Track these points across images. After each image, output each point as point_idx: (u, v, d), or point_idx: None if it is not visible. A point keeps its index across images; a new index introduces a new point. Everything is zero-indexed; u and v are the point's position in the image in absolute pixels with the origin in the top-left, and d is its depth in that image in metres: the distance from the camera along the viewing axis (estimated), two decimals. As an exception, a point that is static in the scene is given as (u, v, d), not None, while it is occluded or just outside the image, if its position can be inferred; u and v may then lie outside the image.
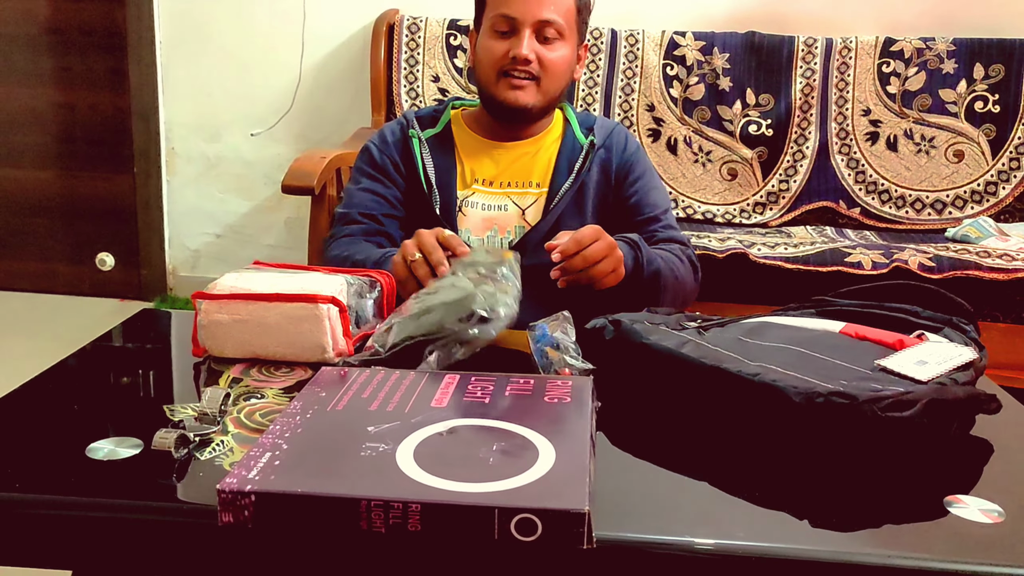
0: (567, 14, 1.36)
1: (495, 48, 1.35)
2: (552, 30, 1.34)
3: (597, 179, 1.41)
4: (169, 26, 2.83)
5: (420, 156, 1.39)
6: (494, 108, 1.39)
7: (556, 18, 1.34)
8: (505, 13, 1.33)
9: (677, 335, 0.92)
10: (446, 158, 1.40)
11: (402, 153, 1.41)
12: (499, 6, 1.34)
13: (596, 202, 1.40)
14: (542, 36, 1.34)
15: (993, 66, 2.44)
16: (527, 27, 1.33)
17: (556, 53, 1.36)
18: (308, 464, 0.65)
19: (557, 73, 1.37)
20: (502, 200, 1.39)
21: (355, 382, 0.82)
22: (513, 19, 1.33)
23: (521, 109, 1.37)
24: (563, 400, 0.77)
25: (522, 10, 1.32)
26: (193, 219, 2.99)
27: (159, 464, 0.70)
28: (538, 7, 1.33)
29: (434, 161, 1.39)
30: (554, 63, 1.36)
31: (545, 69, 1.35)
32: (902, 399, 0.73)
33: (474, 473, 0.63)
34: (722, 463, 0.76)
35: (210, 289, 0.97)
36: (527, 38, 1.33)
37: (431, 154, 1.40)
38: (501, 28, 1.34)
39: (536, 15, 1.33)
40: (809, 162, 2.48)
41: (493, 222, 1.38)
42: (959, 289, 1.82)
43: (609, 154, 1.42)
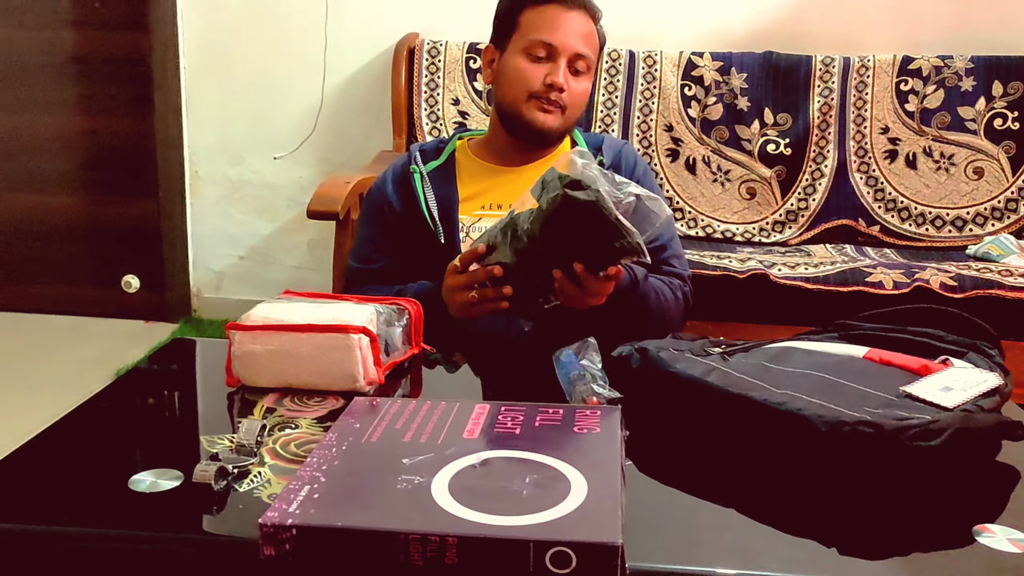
0: (595, 50, 1.41)
1: (531, 71, 1.38)
2: (583, 63, 1.38)
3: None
4: (193, 53, 2.87)
5: (422, 191, 1.42)
6: (517, 128, 1.41)
7: (589, 53, 1.38)
8: (546, 40, 1.36)
9: (703, 363, 0.93)
10: (447, 188, 1.44)
11: (403, 191, 1.44)
12: (538, 31, 1.37)
13: None
14: (573, 68, 1.38)
15: (1012, 83, 2.44)
16: (564, 57, 1.37)
17: (582, 86, 1.40)
18: (346, 497, 0.67)
19: (580, 105, 1.42)
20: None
21: (388, 412, 0.83)
22: (553, 47, 1.37)
23: (545, 133, 1.40)
24: (592, 430, 0.78)
25: (563, 40, 1.36)
26: (217, 241, 3.03)
27: (200, 496, 0.72)
28: (577, 40, 1.37)
29: (436, 193, 1.43)
30: (580, 95, 1.41)
31: (572, 99, 1.39)
32: (929, 428, 0.74)
33: (508, 506, 0.64)
34: (750, 492, 0.77)
35: (243, 320, 0.99)
36: (563, 67, 1.37)
37: (432, 186, 1.43)
38: (539, 53, 1.37)
39: (575, 47, 1.37)
40: (828, 180, 2.49)
41: None
42: (982, 308, 1.83)
43: (618, 174, 1.44)
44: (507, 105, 1.41)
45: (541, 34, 1.37)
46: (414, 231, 1.42)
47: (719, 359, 0.97)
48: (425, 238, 1.41)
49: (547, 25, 1.37)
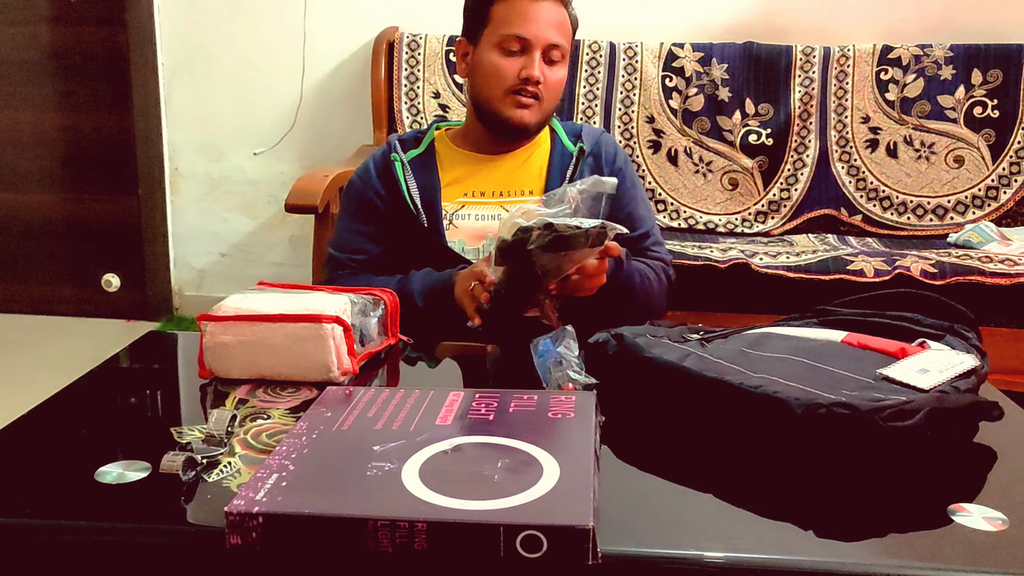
0: (568, 37, 1.40)
1: (505, 66, 1.37)
2: (557, 53, 1.38)
3: None
4: (171, 49, 2.85)
5: (403, 179, 1.41)
6: (495, 124, 1.41)
7: (562, 42, 1.38)
8: (519, 33, 1.35)
9: (679, 348, 0.92)
10: (429, 176, 1.43)
11: (384, 179, 1.43)
12: (510, 25, 1.36)
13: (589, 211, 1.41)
14: (548, 58, 1.37)
15: (991, 71, 2.44)
16: (538, 49, 1.36)
17: (558, 74, 1.40)
18: (315, 485, 0.66)
19: (557, 93, 1.42)
20: (495, 210, 1.41)
21: (360, 401, 0.82)
22: (526, 40, 1.36)
23: (523, 128, 1.40)
24: (567, 416, 0.78)
25: (536, 32, 1.35)
26: (197, 239, 3.00)
27: (167, 487, 0.71)
28: (550, 30, 1.36)
29: (417, 182, 1.42)
30: (557, 84, 1.40)
31: (549, 90, 1.39)
32: (904, 408, 0.74)
33: (479, 491, 0.63)
34: (727, 475, 0.77)
35: (215, 311, 0.98)
36: (538, 59, 1.36)
37: (414, 175, 1.43)
38: (512, 47, 1.36)
39: (548, 38, 1.36)
40: (810, 170, 2.49)
41: (487, 232, 1.40)
42: (962, 295, 1.83)
43: (598, 162, 1.46)
44: (484, 101, 1.41)
45: (513, 27, 1.36)
46: (398, 219, 1.41)
47: (697, 345, 0.96)
48: (408, 226, 1.40)
49: (519, 18, 1.35)
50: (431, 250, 1.38)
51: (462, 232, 1.40)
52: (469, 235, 1.40)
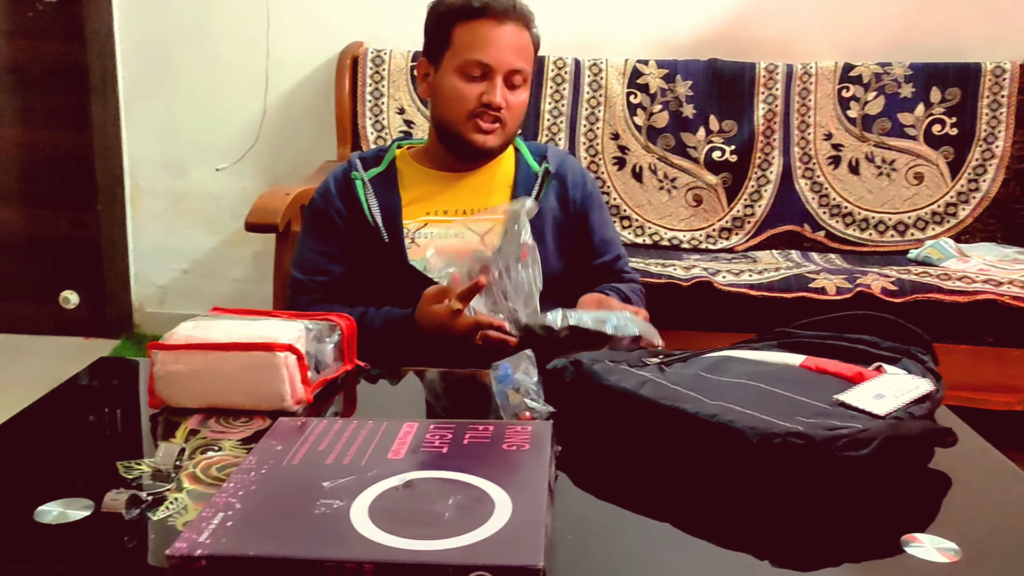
0: (530, 60, 1.40)
1: (467, 91, 1.36)
2: (519, 77, 1.37)
3: (554, 207, 1.45)
4: (131, 63, 2.81)
5: (364, 197, 1.40)
6: (458, 147, 1.41)
7: (524, 67, 1.37)
8: (481, 59, 1.34)
9: (637, 374, 0.92)
10: (390, 194, 1.42)
11: (345, 197, 1.42)
12: (472, 50, 1.35)
13: (554, 228, 1.44)
14: (510, 83, 1.37)
15: (949, 90, 2.48)
16: (500, 74, 1.35)
17: (521, 97, 1.39)
18: (261, 524, 0.64)
19: (520, 115, 1.41)
20: (458, 228, 1.40)
21: (312, 433, 0.81)
22: (488, 66, 1.35)
23: (486, 151, 1.40)
24: (522, 447, 0.77)
25: (497, 58, 1.34)
26: (159, 255, 2.96)
27: (110, 527, 0.69)
28: (512, 56, 1.35)
29: (379, 200, 1.41)
30: (519, 107, 1.40)
31: (511, 113, 1.38)
32: (858, 438, 0.73)
33: (429, 530, 0.62)
34: (682, 505, 0.76)
35: (166, 339, 0.96)
36: (500, 85, 1.35)
37: (375, 193, 1.42)
38: (474, 72, 1.35)
39: (510, 64, 1.35)
40: (773, 187, 2.50)
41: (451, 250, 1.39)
42: (921, 312, 1.85)
43: (565, 185, 1.46)
44: (445, 123, 1.40)
45: (475, 53, 1.35)
46: (359, 238, 1.40)
47: (656, 370, 0.96)
48: (370, 244, 1.39)
49: (480, 43, 1.34)
50: (393, 268, 1.37)
51: (424, 250, 1.39)
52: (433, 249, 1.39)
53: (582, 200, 1.47)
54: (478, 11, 1.34)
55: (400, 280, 1.36)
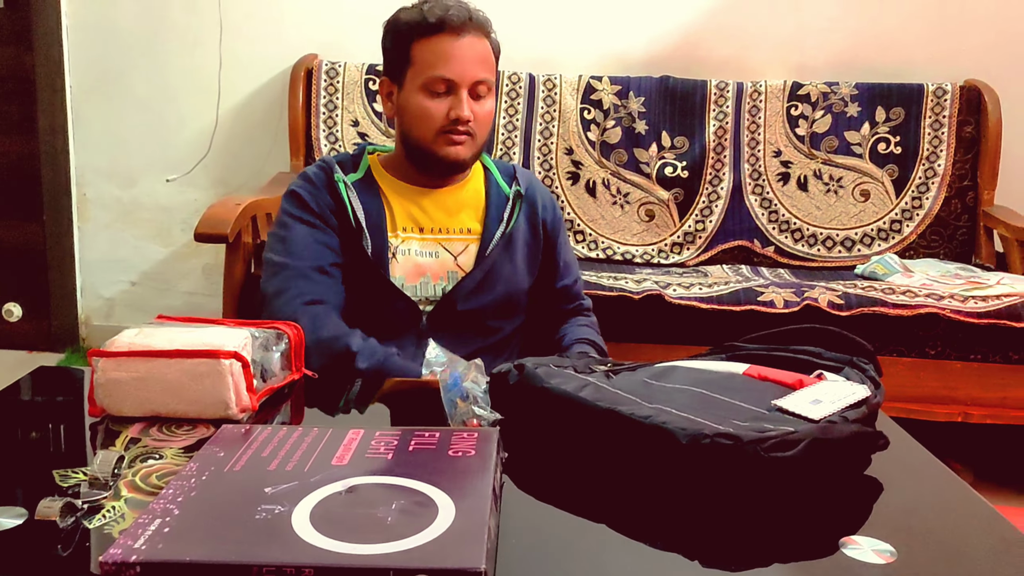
0: (492, 69, 1.39)
1: (434, 108, 1.35)
2: (483, 87, 1.37)
3: (524, 228, 1.46)
4: (80, 71, 2.77)
5: (349, 200, 1.37)
6: (430, 163, 1.39)
7: (487, 76, 1.37)
8: (443, 76, 1.33)
9: (579, 378, 0.92)
10: (375, 202, 1.40)
11: (328, 197, 1.39)
12: (434, 67, 1.34)
13: (524, 251, 1.46)
14: (475, 94, 1.36)
15: (894, 109, 2.55)
16: (464, 88, 1.34)
17: (487, 107, 1.39)
18: (199, 530, 0.63)
19: (488, 125, 1.41)
20: (434, 247, 1.40)
21: (256, 439, 0.80)
22: (451, 81, 1.34)
23: (459, 164, 1.39)
24: (467, 453, 0.76)
25: (460, 72, 1.34)
26: (107, 267, 2.91)
27: (44, 535, 0.67)
28: (474, 68, 1.35)
29: (364, 206, 1.38)
30: (486, 116, 1.39)
31: (479, 124, 1.38)
32: (786, 439, 0.75)
33: (371, 534, 0.62)
34: (620, 507, 0.77)
35: (107, 346, 0.94)
36: (466, 99, 1.34)
37: (359, 198, 1.39)
38: (438, 89, 1.35)
39: (473, 76, 1.35)
40: (724, 202, 2.54)
41: (426, 269, 1.39)
42: (866, 325, 1.89)
43: (535, 208, 1.48)
44: (415, 141, 1.38)
45: (437, 70, 1.34)
46: (343, 243, 1.37)
47: (602, 376, 0.96)
48: (351, 254, 1.36)
49: (441, 59, 1.33)
50: (371, 280, 1.35)
51: (403, 267, 1.38)
52: (409, 271, 1.38)
53: (552, 224, 1.50)
54: (435, 27, 1.33)
55: (378, 294, 1.35)
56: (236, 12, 2.70)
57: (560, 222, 1.53)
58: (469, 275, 1.38)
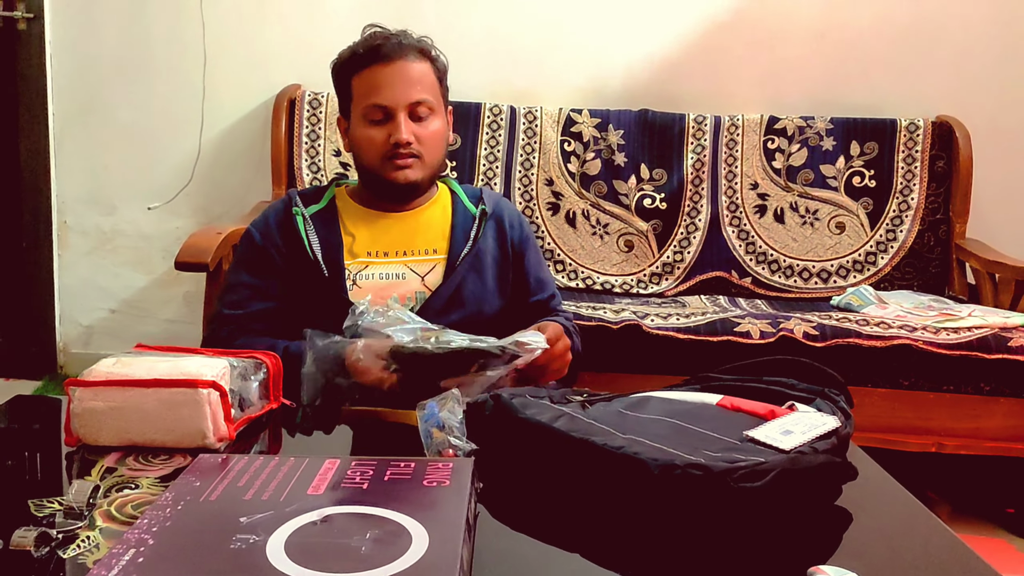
0: (433, 88, 1.42)
1: (374, 136, 1.39)
2: (424, 108, 1.39)
3: (492, 247, 1.48)
4: (63, 99, 2.77)
5: (305, 232, 1.41)
6: (383, 189, 1.43)
7: (426, 97, 1.39)
8: (377, 103, 1.38)
9: (554, 409, 0.93)
10: (331, 232, 1.43)
11: (284, 232, 1.42)
12: (369, 96, 1.38)
13: (494, 268, 1.47)
14: (415, 115, 1.39)
15: (868, 143, 2.60)
16: (400, 112, 1.37)
17: (431, 127, 1.41)
18: (173, 560, 0.63)
19: (435, 145, 1.43)
20: (400, 268, 1.41)
21: (232, 469, 0.80)
22: (385, 107, 1.38)
23: (411, 186, 1.42)
24: (442, 483, 0.77)
25: (393, 96, 1.37)
26: (86, 294, 2.89)
27: (18, 565, 0.67)
28: (407, 91, 1.38)
29: (319, 236, 1.41)
30: (432, 136, 1.41)
31: (424, 145, 1.40)
32: (756, 469, 0.76)
33: (344, 564, 0.62)
34: (594, 537, 0.78)
35: (85, 375, 0.94)
36: (404, 122, 1.37)
37: (315, 230, 1.42)
38: (376, 117, 1.39)
39: (408, 98, 1.38)
40: (702, 234, 2.57)
41: (392, 290, 1.39)
42: (841, 356, 1.91)
43: (502, 227, 1.50)
44: (366, 170, 1.43)
45: (371, 98, 1.38)
46: (297, 274, 1.39)
47: (577, 407, 0.97)
48: (309, 281, 1.38)
49: (374, 87, 1.38)
50: (333, 305, 1.36)
51: (365, 292, 1.39)
52: (375, 293, 1.39)
53: (520, 241, 1.51)
54: (366, 58, 1.39)
55: (339, 317, 1.36)
56: (220, 42, 2.72)
57: (528, 239, 1.53)
58: (436, 293, 1.39)
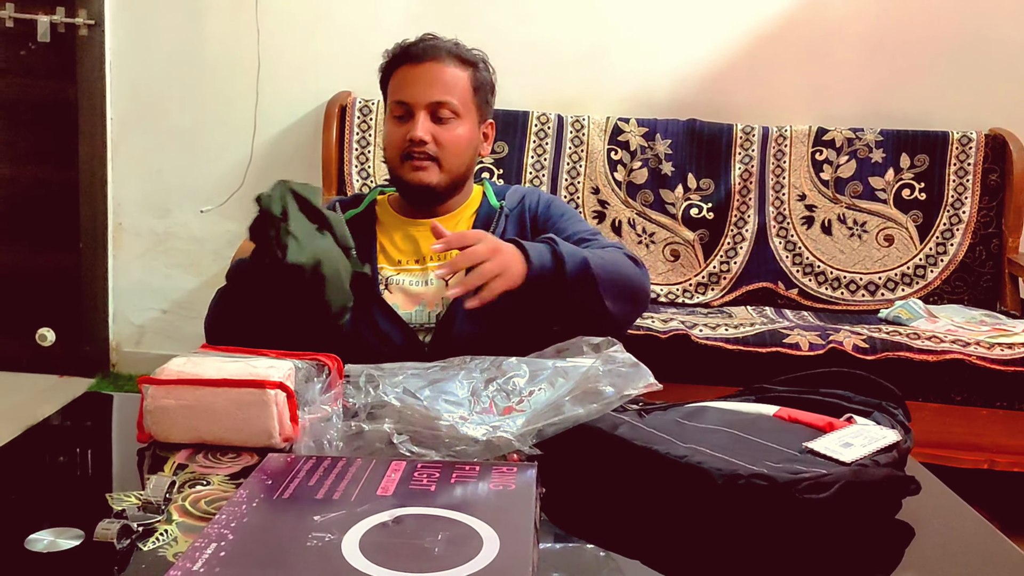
0: (462, 94, 1.42)
1: (394, 133, 1.41)
2: (446, 111, 1.40)
3: (517, 232, 1.44)
4: (121, 103, 2.84)
5: None
6: (402, 189, 1.46)
7: (449, 99, 1.40)
8: (400, 100, 1.41)
9: (613, 416, 0.94)
10: (367, 235, 1.45)
11: None
12: (394, 94, 1.42)
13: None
14: (437, 117, 1.40)
15: (918, 156, 2.57)
16: (421, 110, 1.39)
17: (452, 132, 1.41)
18: (254, 555, 0.65)
19: (457, 151, 1.42)
20: (426, 275, 1.42)
21: (301, 469, 0.82)
22: (407, 104, 1.40)
23: (425, 188, 1.41)
24: (508, 487, 0.79)
25: (413, 94, 1.39)
26: (139, 294, 2.96)
27: (101, 556, 0.70)
28: (429, 90, 1.39)
29: (354, 238, 1.40)
30: (452, 141, 1.41)
31: (443, 148, 1.40)
32: (820, 481, 0.76)
33: (419, 564, 0.64)
34: (656, 545, 0.78)
35: (157, 374, 0.97)
36: (421, 120, 1.39)
37: (352, 233, 1.42)
38: (398, 113, 1.41)
39: (429, 97, 1.39)
40: (749, 244, 2.57)
41: (420, 298, 1.41)
42: (891, 370, 1.90)
43: (523, 210, 1.48)
44: (390, 171, 1.46)
45: (396, 95, 1.41)
46: None
47: (634, 415, 0.98)
48: None
49: (400, 86, 1.41)
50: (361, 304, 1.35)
51: (396, 297, 1.41)
52: (402, 300, 1.41)
53: (542, 211, 1.47)
54: (400, 59, 1.43)
55: (369, 316, 1.37)
56: (274, 49, 2.77)
57: (551, 204, 1.48)
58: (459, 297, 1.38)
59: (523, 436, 0.89)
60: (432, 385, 0.98)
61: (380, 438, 0.92)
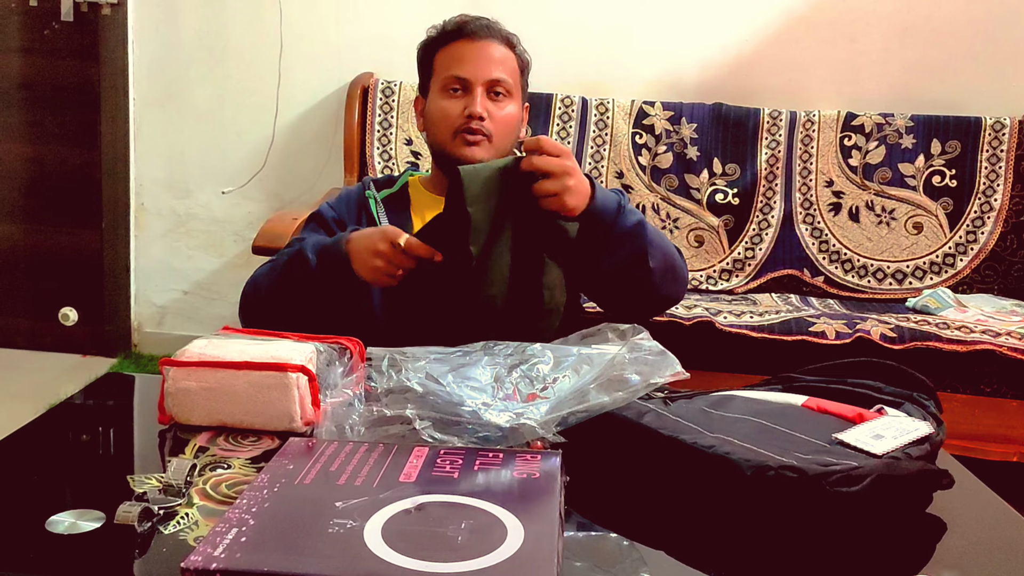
0: (513, 74, 1.43)
1: (449, 108, 1.39)
2: (502, 87, 1.40)
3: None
4: (143, 84, 2.84)
5: (376, 214, 1.44)
6: (450, 166, 1.42)
7: (505, 77, 1.40)
8: (457, 74, 1.39)
9: (639, 404, 0.93)
10: (401, 215, 1.45)
11: (356, 213, 1.45)
12: (450, 68, 1.41)
13: None
14: (492, 94, 1.40)
15: (950, 142, 2.52)
16: (479, 86, 1.39)
17: (506, 111, 1.41)
18: (275, 540, 0.64)
19: (508, 130, 1.42)
20: None
21: (323, 454, 0.81)
22: (465, 79, 1.39)
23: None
24: (532, 476, 0.77)
25: (474, 70, 1.39)
26: (160, 275, 2.97)
27: (122, 538, 0.69)
28: (488, 67, 1.39)
29: (389, 219, 1.43)
30: (505, 119, 1.41)
31: (496, 125, 1.40)
32: (851, 474, 0.74)
33: (442, 552, 0.63)
34: (684, 536, 0.77)
35: (178, 356, 0.96)
36: (480, 96, 1.38)
37: (387, 212, 1.45)
38: (453, 86, 1.40)
39: (488, 74, 1.39)
40: (774, 231, 2.53)
41: None
42: (920, 360, 1.87)
43: None
44: (437, 146, 1.43)
45: (452, 70, 1.40)
46: None
47: (660, 403, 0.97)
48: None
49: (457, 60, 1.40)
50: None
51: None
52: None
53: None
54: (453, 34, 1.42)
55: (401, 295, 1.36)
56: (296, 30, 2.76)
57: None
58: None
59: (547, 423, 0.88)
60: (455, 371, 0.96)
61: (402, 423, 0.90)
